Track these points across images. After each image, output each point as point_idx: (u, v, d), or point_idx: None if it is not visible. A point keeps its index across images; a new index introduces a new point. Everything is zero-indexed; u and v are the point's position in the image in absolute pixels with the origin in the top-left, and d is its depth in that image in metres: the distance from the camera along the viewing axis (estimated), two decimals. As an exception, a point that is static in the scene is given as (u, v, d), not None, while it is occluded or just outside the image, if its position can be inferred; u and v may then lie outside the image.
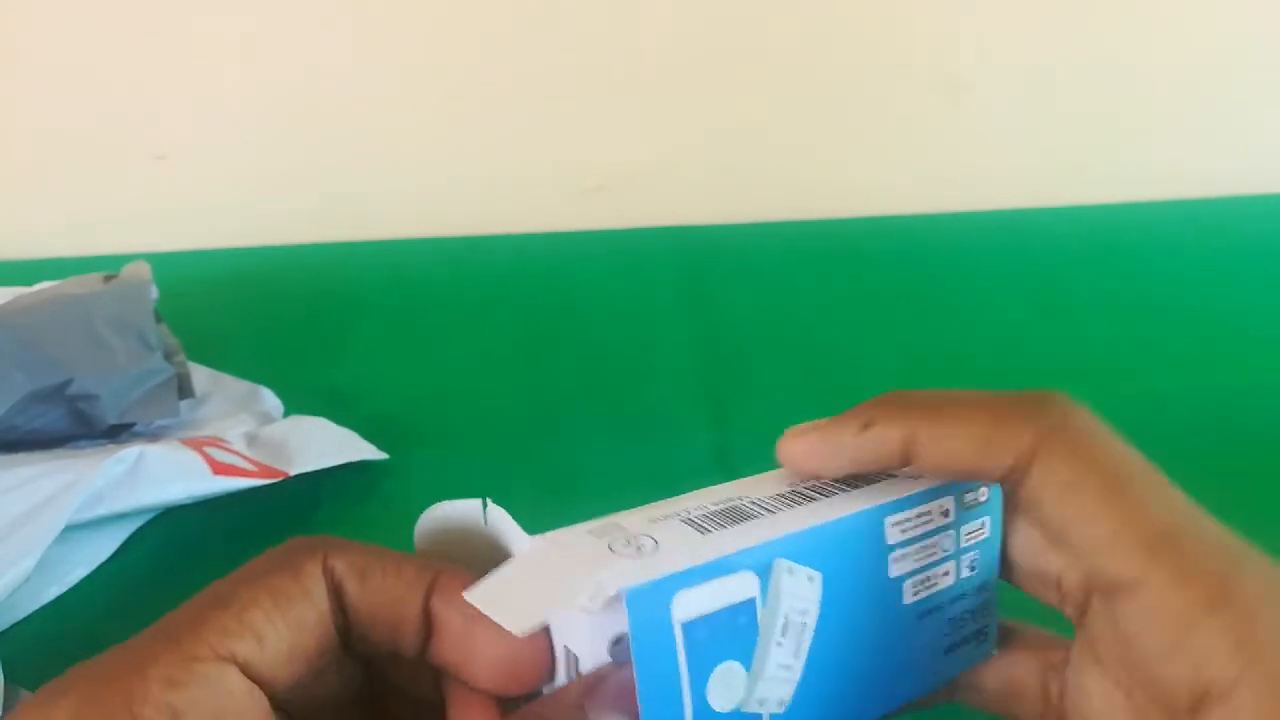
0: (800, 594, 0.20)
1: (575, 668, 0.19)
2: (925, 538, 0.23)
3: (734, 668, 0.19)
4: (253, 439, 0.42)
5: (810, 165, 0.71)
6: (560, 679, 0.20)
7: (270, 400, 0.46)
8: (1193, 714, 0.18)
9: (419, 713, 0.22)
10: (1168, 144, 0.72)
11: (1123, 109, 0.71)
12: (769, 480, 0.23)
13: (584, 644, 0.19)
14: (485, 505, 0.21)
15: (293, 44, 0.64)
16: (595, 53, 0.66)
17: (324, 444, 0.42)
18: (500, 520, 0.21)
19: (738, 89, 0.68)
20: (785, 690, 0.20)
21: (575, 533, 0.21)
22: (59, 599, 0.35)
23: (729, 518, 0.21)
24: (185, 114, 0.66)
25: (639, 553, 0.19)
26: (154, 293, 0.45)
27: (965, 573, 0.23)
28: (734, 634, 0.19)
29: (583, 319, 0.56)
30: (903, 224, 0.69)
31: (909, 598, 0.23)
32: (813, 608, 0.21)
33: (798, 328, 0.55)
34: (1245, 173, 0.73)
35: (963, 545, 0.23)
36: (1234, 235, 0.66)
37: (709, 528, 0.20)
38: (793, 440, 0.23)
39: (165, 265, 0.49)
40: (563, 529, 0.21)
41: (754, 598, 0.20)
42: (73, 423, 0.41)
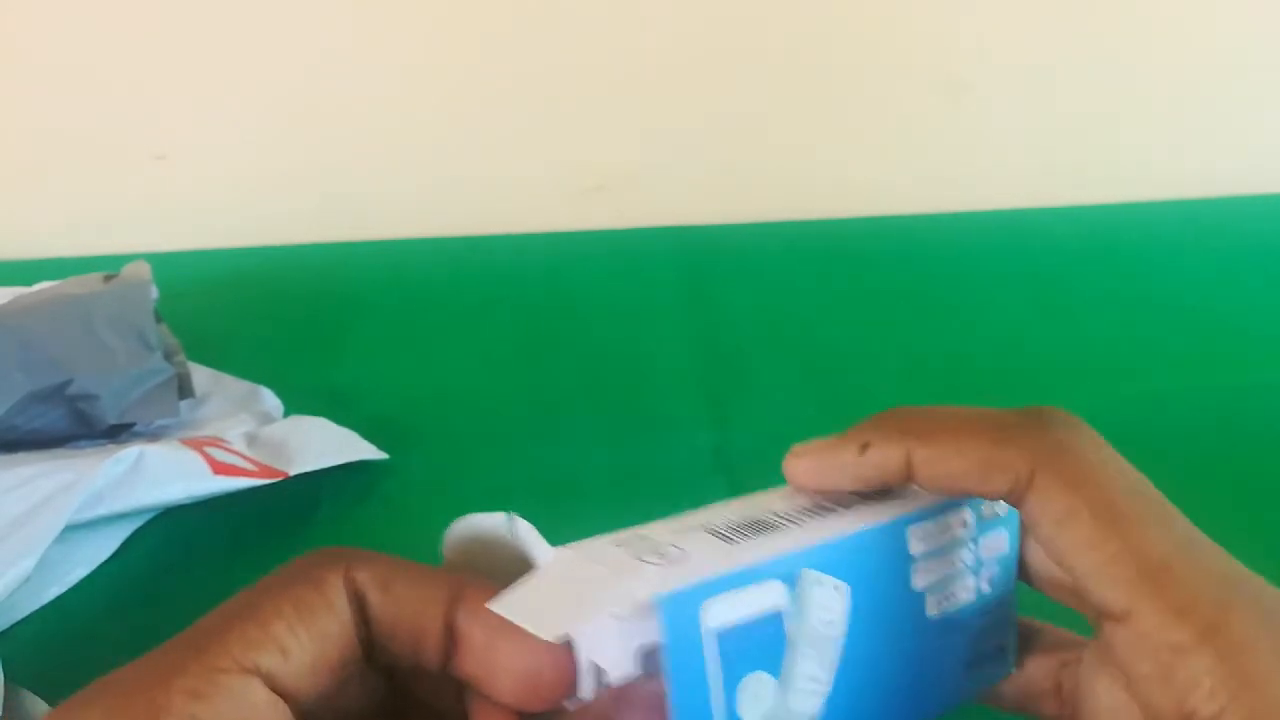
0: (828, 605, 0.20)
1: (600, 681, 0.19)
2: (947, 550, 0.23)
3: (763, 678, 0.19)
4: (253, 439, 0.42)
5: (810, 165, 0.71)
6: (584, 693, 0.19)
7: (270, 400, 0.46)
8: None
9: None
10: (1168, 144, 0.72)
11: (1123, 109, 0.71)
12: (788, 493, 0.23)
13: (611, 655, 0.19)
14: (510, 519, 0.20)
15: (293, 44, 0.64)
16: (595, 53, 0.66)
17: (324, 444, 0.42)
18: (525, 533, 0.20)
19: (738, 89, 0.68)
20: (813, 703, 0.20)
21: (599, 543, 0.20)
22: (59, 599, 0.35)
23: (754, 529, 0.21)
24: (185, 114, 0.66)
25: (667, 561, 0.19)
26: (154, 293, 0.45)
27: (984, 588, 0.23)
28: (763, 644, 0.19)
29: (583, 319, 0.56)
30: (903, 224, 0.69)
31: (932, 611, 0.23)
32: (840, 619, 0.20)
33: (798, 328, 0.55)
34: (1245, 173, 0.73)
35: (982, 559, 0.23)
36: (1234, 235, 0.66)
37: (735, 538, 0.20)
38: (795, 460, 0.23)
39: (165, 265, 0.49)
40: (586, 540, 0.21)
41: (782, 608, 0.19)
42: (73, 423, 0.41)
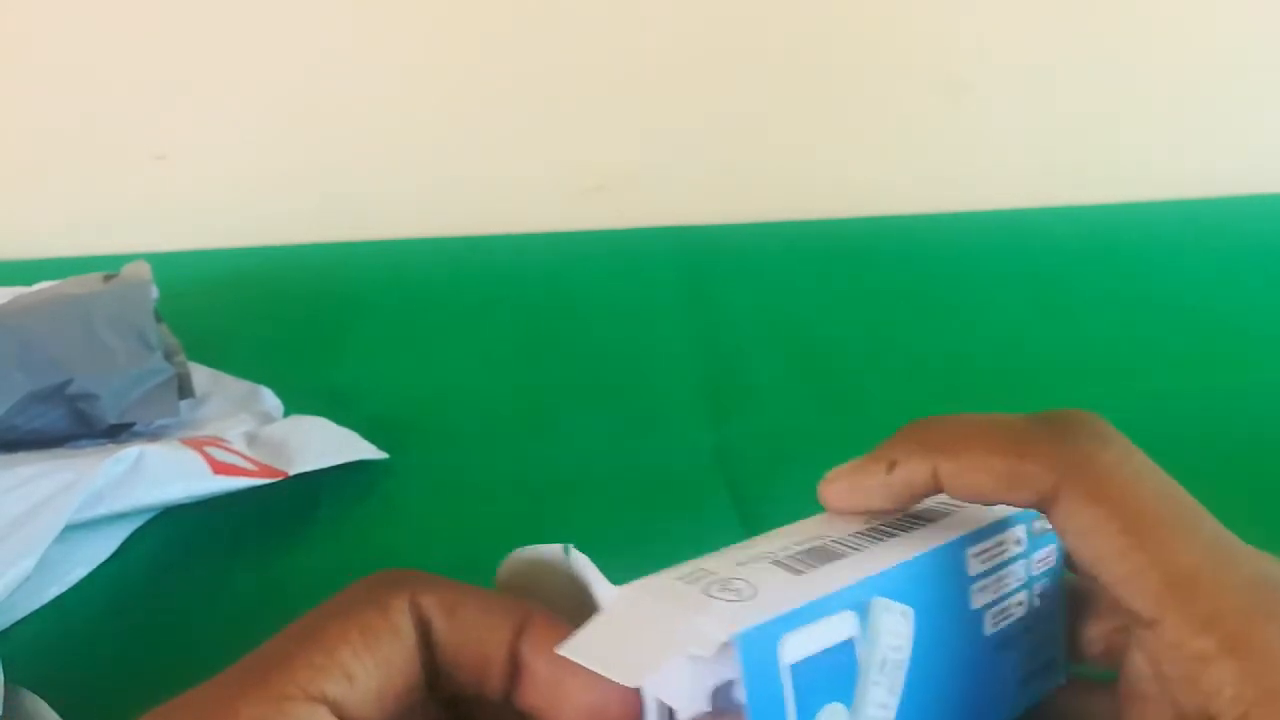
0: (895, 631, 0.20)
1: (670, 718, 0.19)
2: (1002, 567, 0.23)
3: (838, 710, 0.19)
4: (253, 439, 0.42)
5: (810, 165, 0.71)
6: None
7: (270, 400, 0.46)
8: None
9: None
10: (1168, 144, 0.72)
11: (1123, 109, 0.71)
12: (834, 518, 0.23)
13: (683, 694, 0.18)
14: (569, 550, 0.20)
15: (293, 44, 0.64)
16: (595, 53, 0.66)
17: (324, 444, 0.42)
18: (584, 567, 0.20)
19: (738, 89, 0.68)
20: None
21: (664, 579, 0.20)
22: (59, 599, 0.35)
23: (817, 557, 0.21)
24: (185, 114, 0.66)
25: (738, 596, 0.19)
26: (154, 293, 0.45)
27: (1036, 602, 0.24)
28: (836, 675, 0.19)
29: (583, 319, 0.56)
30: (903, 224, 0.69)
31: (989, 628, 0.23)
32: (906, 644, 0.20)
33: (798, 328, 0.55)
34: (1245, 173, 0.73)
35: (1034, 574, 0.23)
36: (1234, 235, 0.66)
37: (801, 568, 0.20)
38: (828, 484, 0.23)
39: (165, 265, 0.49)
40: (648, 577, 0.20)
41: (854, 637, 0.19)
42: (73, 423, 0.41)
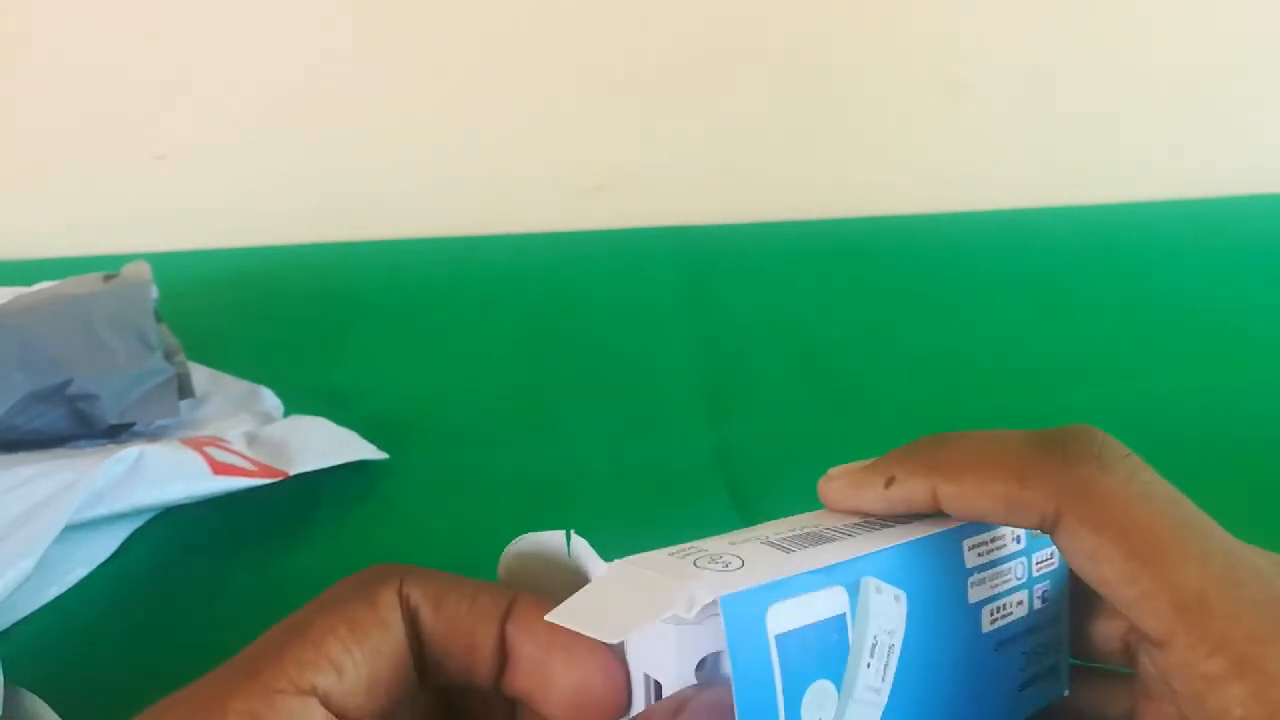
0: (887, 614, 0.20)
1: (656, 695, 0.19)
2: (1000, 563, 0.23)
3: (826, 687, 0.19)
4: (253, 439, 0.42)
5: (810, 165, 0.71)
6: (638, 708, 0.19)
7: (270, 400, 0.46)
8: None
9: None
10: (1168, 144, 0.72)
11: (1123, 109, 0.71)
12: (831, 513, 0.23)
13: (669, 665, 0.18)
14: (569, 536, 0.20)
15: (293, 44, 0.64)
16: (595, 53, 0.66)
17: (324, 444, 0.42)
18: (582, 549, 0.20)
19: (738, 89, 0.68)
20: (872, 715, 0.20)
21: (655, 555, 0.20)
22: (59, 599, 0.35)
23: (810, 541, 0.20)
24: (185, 114, 0.66)
25: (726, 568, 0.19)
26: (154, 293, 0.45)
27: (1037, 604, 0.23)
28: (825, 651, 0.19)
29: (583, 319, 0.56)
30: (903, 224, 0.69)
31: (986, 626, 0.22)
32: (899, 629, 0.20)
33: (798, 328, 0.55)
34: (1245, 173, 0.73)
35: (1034, 575, 0.23)
36: (1234, 235, 0.66)
37: (792, 549, 0.20)
38: (828, 482, 0.23)
39: (165, 265, 0.49)
40: (639, 554, 0.20)
41: (844, 614, 0.19)
42: (73, 423, 0.41)
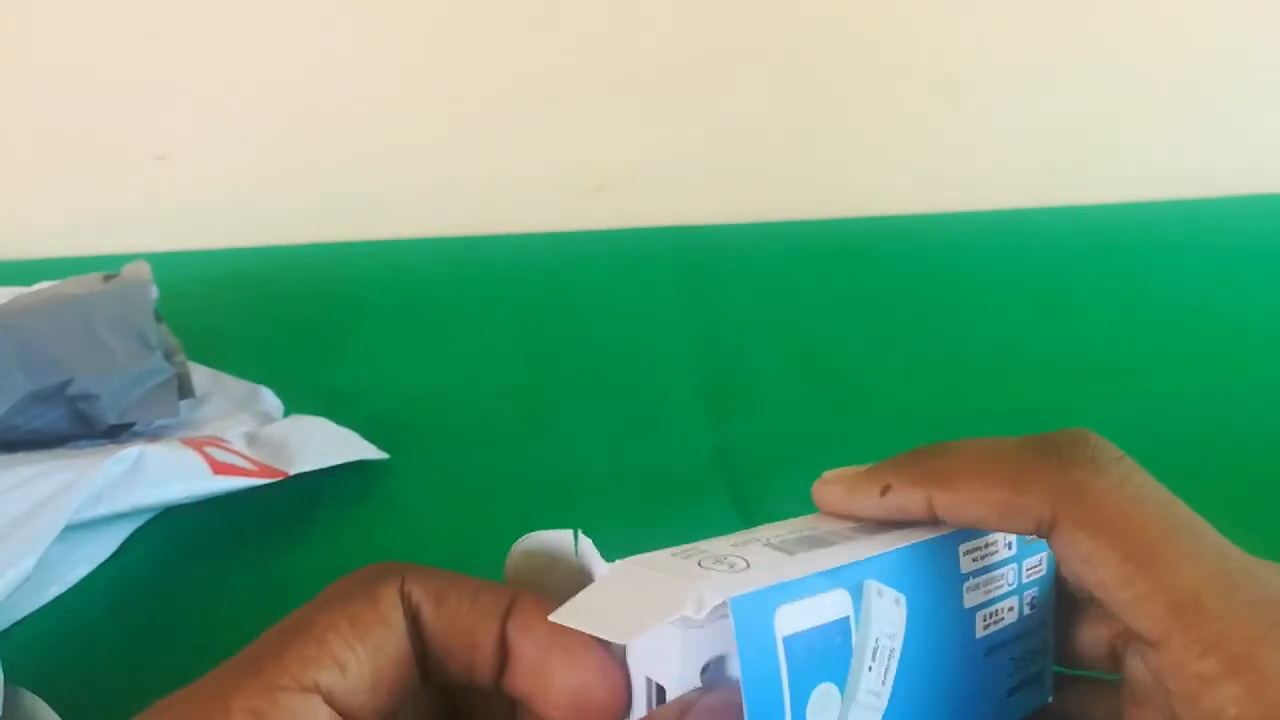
0: (889, 617, 0.20)
1: (658, 699, 0.19)
2: (992, 569, 0.23)
3: (830, 690, 0.19)
4: (253, 439, 0.42)
5: (810, 165, 0.71)
6: (639, 713, 0.19)
7: (270, 400, 0.46)
8: None
9: None
10: (1168, 144, 0.72)
11: (1123, 109, 0.71)
12: (826, 517, 0.23)
13: (673, 668, 0.18)
14: (576, 535, 0.20)
15: (293, 44, 0.64)
16: (595, 53, 0.66)
17: (324, 444, 0.42)
18: (588, 550, 0.20)
19: (738, 89, 0.68)
20: (873, 718, 0.20)
21: (657, 555, 0.20)
22: (59, 599, 0.35)
23: (811, 544, 0.20)
24: (185, 114, 0.66)
25: (732, 569, 0.19)
26: (154, 293, 0.45)
27: (1026, 610, 0.23)
28: (830, 654, 0.19)
29: (583, 319, 0.56)
30: (903, 224, 0.69)
31: (980, 631, 0.22)
32: (899, 632, 0.20)
33: (798, 328, 0.55)
34: (1245, 173, 0.73)
35: (1024, 581, 0.23)
36: (1234, 235, 0.66)
37: (795, 551, 0.20)
38: (823, 486, 0.23)
39: (165, 265, 0.49)
40: (642, 554, 0.20)
41: (848, 616, 0.19)
42: (73, 423, 0.41)
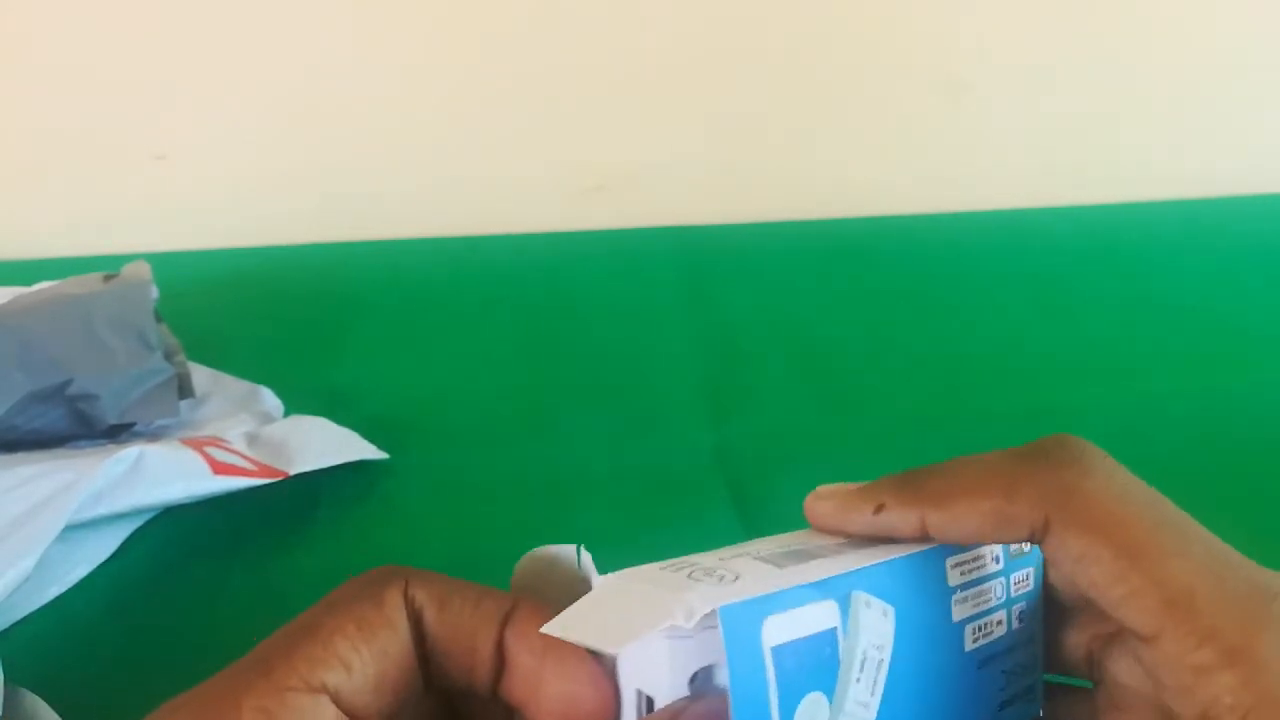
0: (877, 629, 0.20)
1: (647, 710, 0.19)
2: (980, 582, 0.23)
3: (819, 700, 0.19)
4: (253, 439, 0.42)
5: (810, 165, 0.71)
6: None
7: (270, 400, 0.46)
8: None
9: None
10: (1168, 144, 0.72)
11: (1123, 109, 0.71)
12: (817, 533, 0.23)
13: (662, 679, 0.18)
14: (579, 551, 0.21)
15: (293, 44, 0.64)
16: (595, 53, 0.66)
17: (324, 444, 0.42)
18: (589, 565, 0.20)
19: (738, 89, 0.68)
20: None
21: (647, 569, 0.20)
22: (59, 599, 0.35)
23: (799, 557, 0.21)
24: (185, 114, 0.66)
25: (721, 581, 0.19)
26: (154, 293, 0.45)
27: (1015, 623, 0.24)
28: (818, 664, 0.19)
29: (583, 319, 0.56)
30: (903, 224, 0.69)
31: (969, 644, 0.23)
32: (888, 643, 0.20)
33: (798, 328, 0.55)
34: (1245, 173, 0.73)
35: (1012, 595, 0.24)
36: (1234, 235, 0.66)
37: (784, 564, 0.20)
38: (816, 501, 0.23)
39: (165, 265, 0.49)
40: (631, 568, 0.20)
41: (836, 627, 0.19)
42: (73, 423, 0.41)
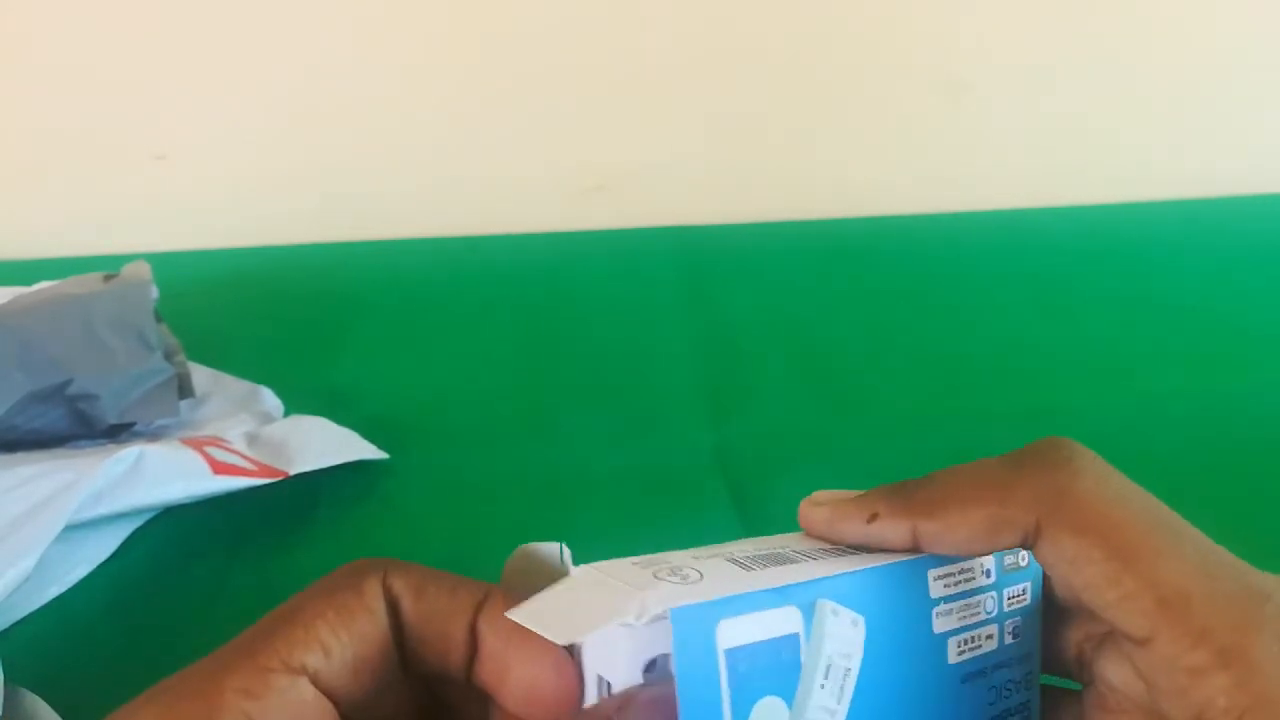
0: (844, 637, 0.20)
1: (608, 693, 0.19)
2: (968, 595, 0.23)
3: (776, 704, 0.19)
4: (253, 439, 0.42)
5: (810, 165, 0.71)
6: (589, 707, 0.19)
7: (270, 400, 0.46)
8: None
9: None
10: (1168, 144, 0.72)
11: (1123, 109, 0.71)
12: (804, 537, 0.23)
13: (619, 665, 0.19)
14: (562, 549, 0.21)
15: (293, 44, 0.64)
16: (595, 53, 0.66)
17: (324, 444, 0.42)
18: (569, 560, 0.21)
19: (738, 89, 0.68)
20: None
21: (619, 563, 0.21)
22: (59, 599, 0.35)
23: (772, 561, 0.21)
24: (185, 114, 0.66)
25: (684, 580, 0.19)
26: (154, 293, 0.45)
27: (1008, 639, 0.23)
28: (777, 669, 0.19)
29: (583, 319, 0.56)
30: (903, 224, 0.69)
31: (953, 657, 0.22)
32: (856, 652, 0.20)
33: (798, 328, 0.55)
34: (1245, 173, 0.73)
35: (1005, 609, 0.23)
36: (1234, 235, 0.66)
37: (753, 567, 0.20)
38: (810, 507, 0.23)
39: (165, 265, 0.49)
40: (607, 560, 0.21)
41: (797, 633, 0.19)
42: (73, 423, 0.41)
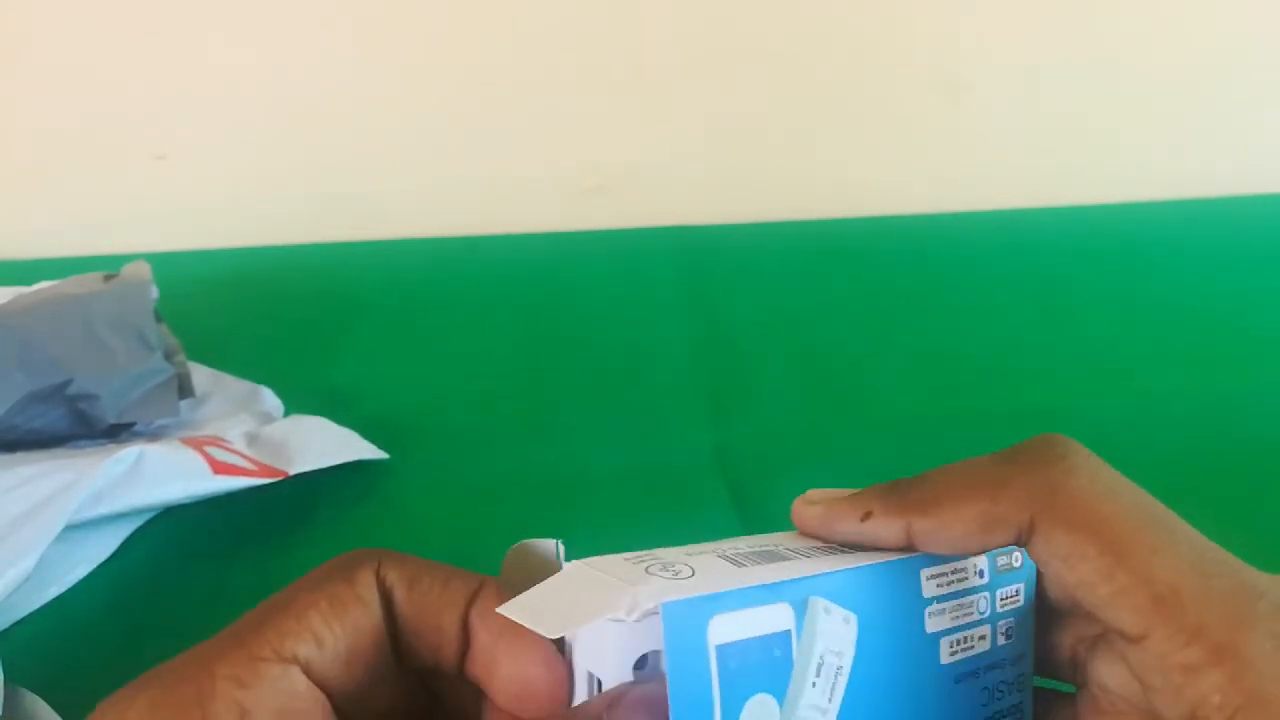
0: (836, 634, 0.20)
1: (598, 692, 0.19)
2: (961, 595, 0.23)
3: (767, 701, 0.19)
4: (253, 438, 0.42)
5: (810, 165, 0.71)
6: (578, 702, 0.19)
7: (270, 400, 0.46)
8: None
9: None
10: (1168, 144, 0.72)
11: (1123, 109, 0.71)
12: (798, 535, 0.23)
13: (609, 662, 0.19)
14: (558, 545, 0.21)
15: (293, 44, 0.64)
16: (595, 53, 0.66)
17: (324, 444, 0.42)
18: (563, 557, 0.21)
19: (738, 89, 0.68)
20: None
21: (611, 559, 0.21)
22: (59, 599, 0.35)
23: (765, 558, 0.21)
24: (185, 114, 0.66)
25: (676, 576, 0.19)
26: (154, 293, 0.45)
27: (1001, 640, 0.23)
28: (768, 666, 0.19)
29: (583, 319, 0.56)
30: (903, 224, 0.69)
31: (946, 657, 0.22)
32: (848, 650, 0.20)
33: (798, 328, 0.55)
34: (1245, 173, 0.73)
35: (998, 610, 0.23)
36: (1234, 235, 0.66)
37: (745, 564, 0.20)
38: (804, 506, 0.23)
39: (165, 265, 0.49)
40: (599, 556, 0.21)
41: (789, 630, 0.19)
42: (73, 423, 0.41)
